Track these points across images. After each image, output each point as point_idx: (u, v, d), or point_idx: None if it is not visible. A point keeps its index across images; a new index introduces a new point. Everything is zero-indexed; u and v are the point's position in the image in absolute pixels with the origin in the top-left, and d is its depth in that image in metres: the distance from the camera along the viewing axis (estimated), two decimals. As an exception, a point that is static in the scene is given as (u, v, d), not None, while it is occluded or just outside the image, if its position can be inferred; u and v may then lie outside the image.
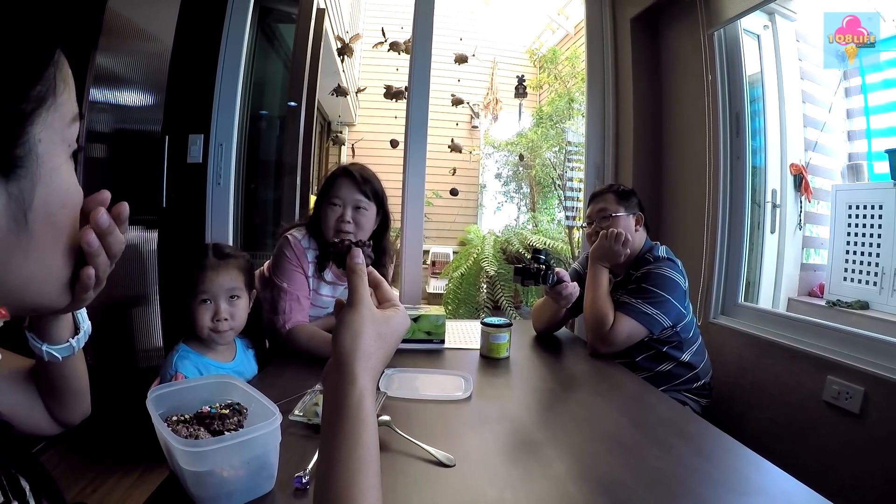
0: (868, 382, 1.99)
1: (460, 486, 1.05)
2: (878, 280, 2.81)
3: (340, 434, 0.70)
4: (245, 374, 1.72)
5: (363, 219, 2.05)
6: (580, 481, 1.08)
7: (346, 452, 0.69)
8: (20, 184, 0.54)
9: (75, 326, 0.85)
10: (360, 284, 0.81)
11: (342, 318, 0.78)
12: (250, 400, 1.07)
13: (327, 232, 2.05)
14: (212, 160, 3.09)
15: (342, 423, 0.71)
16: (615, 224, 2.24)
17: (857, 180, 3.19)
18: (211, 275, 1.62)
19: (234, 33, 3.16)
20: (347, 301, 0.80)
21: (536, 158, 7.96)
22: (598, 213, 2.32)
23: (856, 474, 2.01)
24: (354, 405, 0.72)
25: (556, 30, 8.82)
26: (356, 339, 0.75)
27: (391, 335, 0.80)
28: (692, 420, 1.46)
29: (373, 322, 0.78)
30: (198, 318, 1.60)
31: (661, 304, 2.09)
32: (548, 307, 2.32)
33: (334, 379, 0.75)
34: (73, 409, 0.94)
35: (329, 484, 0.68)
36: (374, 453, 0.71)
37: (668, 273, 2.14)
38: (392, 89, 5.87)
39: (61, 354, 0.82)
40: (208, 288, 1.61)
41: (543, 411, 1.54)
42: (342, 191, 2.04)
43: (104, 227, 0.67)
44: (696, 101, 2.95)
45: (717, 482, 1.10)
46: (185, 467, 0.87)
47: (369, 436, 0.72)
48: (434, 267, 8.19)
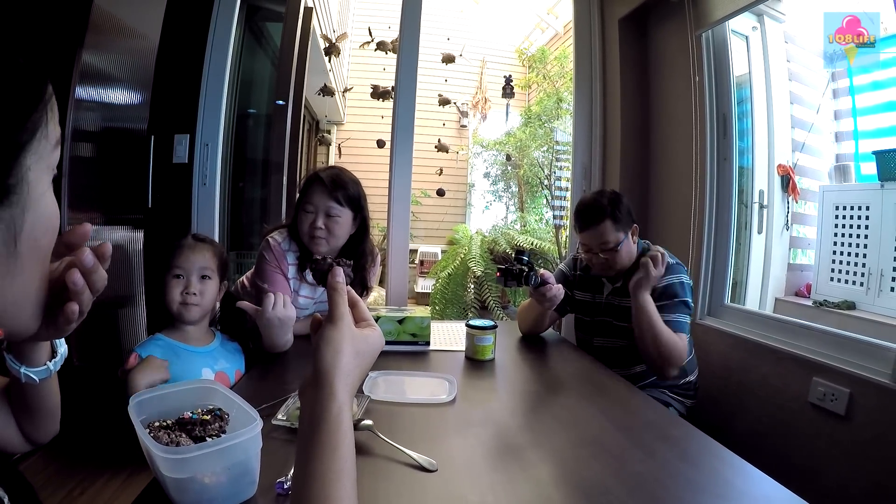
0: (854, 384, 1.99)
1: (442, 492, 1.04)
2: (865, 280, 2.83)
3: (318, 446, 0.71)
4: (221, 362, 1.75)
5: (335, 226, 2.05)
6: (563, 486, 1.07)
7: (323, 465, 0.70)
8: (12, 210, 0.55)
9: (52, 349, 0.85)
10: (341, 301, 0.83)
11: (323, 334, 0.79)
12: (232, 405, 1.06)
13: (303, 237, 2.06)
14: (198, 160, 3.08)
15: (320, 435, 0.72)
16: (622, 252, 2.22)
17: (844, 181, 3.20)
18: (187, 252, 1.73)
19: (220, 31, 3.14)
20: (328, 317, 0.82)
21: (525, 158, 7.97)
22: (600, 245, 2.23)
23: (841, 476, 2.01)
24: (333, 419, 0.73)
25: (545, 29, 8.83)
26: (337, 355, 0.77)
27: (368, 353, 0.82)
28: (676, 423, 1.46)
29: (352, 340, 0.80)
30: (169, 291, 1.70)
31: (690, 309, 2.16)
32: (533, 309, 2.30)
33: (314, 393, 0.76)
34: (45, 427, 0.94)
35: (306, 495, 0.68)
36: (350, 465, 0.72)
37: (685, 279, 2.19)
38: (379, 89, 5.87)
39: (38, 377, 0.82)
40: (182, 263, 1.72)
41: (527, 414, 1.53)
42: (314, 197, 2.05)
43: (89, 267, 0.69)
44: (684, 101, 2.96)
45: (700, 487, 1.10)
46: (166, 474, 0.87)
47: (346, 449, 0.72)
48: (422, 266, 8.18)
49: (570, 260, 2.56)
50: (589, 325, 2.45)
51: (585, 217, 2.24)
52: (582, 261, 2.44)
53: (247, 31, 3.72)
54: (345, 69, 8.61)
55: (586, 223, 2.24)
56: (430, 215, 8.81)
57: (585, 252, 2.32)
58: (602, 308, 2.38)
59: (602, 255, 2.23)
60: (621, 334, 2.30)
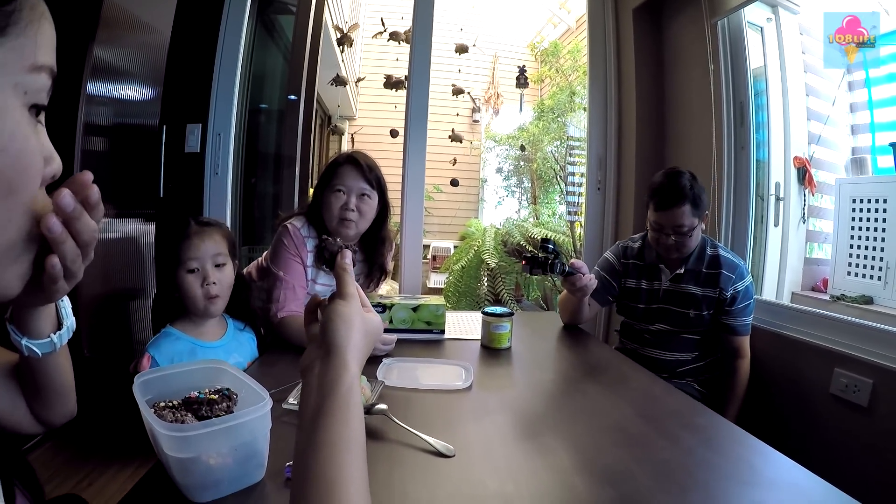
0: (876, 375, 1.95)
1: (459, 478, 1.01)
2: (883, 275, 2.78)
3: (329, 416, 0.66)
4: (235, 355, 1.70)
5: (367, 207, 2.02)
6: (585, 473, 1.04)
7: (333, 434, 0.65)
8: None
9: (58, 321, 0.79)
10: (351, 281, 0.82)
11: (335, 308, 0.77)
12: (241, 386, 1.04)
13: (330, 220, 2.02)
14: (210, 149, 3.08)
15: (332, 406, 0.67)
16: (693, 237, 2.22)
17: (860, 174, 3.15)
18: (196, 241, 1.63)
19: (232, 24, 3.14)
20: (338, 294, 0.81)
21: (538, 152, 7.93)
22: (674, 228, 2.19)
23: (864, 468, 1.97)
24: (346, 390, 0.69)
25: (557, 24, 8.79)
26: (350, 330, 0.75)
27: (373, 334, 0.81)
28: (700, 411, 1.42)
29: (362, 318, 0.78)
30: (188, 287, 1.61)
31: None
32: (569, 299, 2.29)
33: (324, 365, 0.72)
34: (57, 408, 0.89)
35: (313, 466, 0.63)
36: (361, 436, 0.68)
37: (751, 282, 2.28)
38: (392, 79, 5.83)
39: (41, 350, 0.76)
40: (193, 254, 1.62)
41: (546, 402, 1.51)
42: (347, 178, 2.01)
43: (68, 211, 0.57)
44: (700, 91, 2.92)
45: (727, 473, 1.07)
46: (169, 453, 0.84)
47: (357, 420, 0.68)
48: (435, 261, 8.15)
49: (619, 248, 2.51)
50: (642, 312, 2.41)
51: (665, 197, 2.20)
52: (633, 249, 2.43)
53: (258, 24, 3.71)
54: (357, 61, 8.59)
55: (665, 204, 2.19)
56: (442, 210, 8.78)
57: (655, 231, 2.27)
58: (661, 296, 2.35)
59: (674, 237, 2.21)
60: (679, 322, 2.30)
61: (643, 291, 2.40)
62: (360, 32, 7.07)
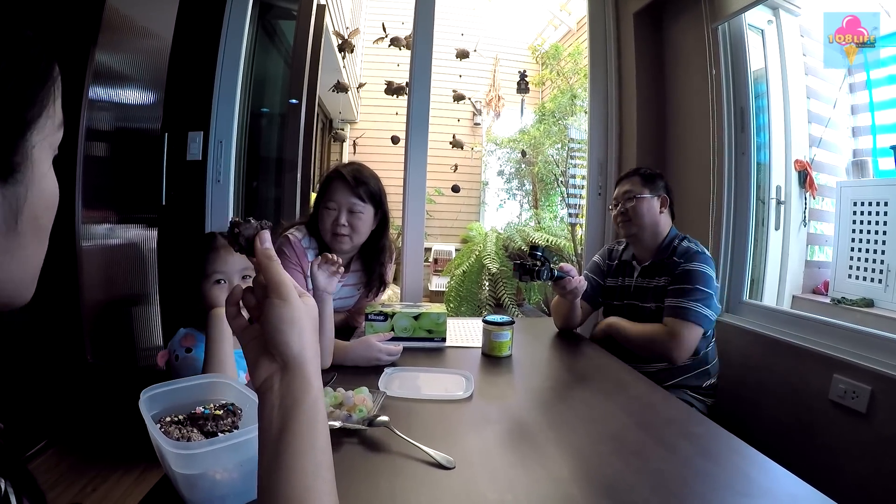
0: (875, 381, 1.96)
1: (460, 490, 1.02)
2: (884, 278, 2.78)
3: (295, 438, 0.65)
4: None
5: (359, 222, 2.03)
6: (584, 483, 1.06)
7: (302, 458, 0.64)
8: (16, 188, 0.55)
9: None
10: (280, 270, 0.72)
11: (278, 313, 0.68)
12: (245, 401, 1.05)
13: (324, 235, 2.04)
14: (211, 157, 3.09)
15: (297, 426, 0.66)
16: (640, 206, 2.29)
17: (861, 177, 3.15)
18: (224, 254, 1.60)
19: (233, 29, 3.15)
20: (273, 292, 0.70)
21: (539, 155, 7.93)
22: (624, 194, 2.35)
23: (862, 474, 1.98)
24: (310, 408, 0.67)
25: (558, 26, 8.80)
26: (302, 335, 0.69)
27: (315, 318, 0.73)
28: (698, 420, 1.43)
29: (307, 313, 0.71)
30: (215, 298, 1.56)
31: (711, 301, 2.11)
32: (561, 303, 2.32)
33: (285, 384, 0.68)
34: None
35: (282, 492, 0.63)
36: (329, 458, 0.67)
37: (709, 271, 2.16)
38: (393, 85, 5.84)
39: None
40: (221, 268, 1.59)
41: (546, 411, 1.51)
42: (336, 194, 2.03)
43: None
44: (700, 95, 2.93)
45: (723, 484, 1.08)
46: (176, 470, 0.85)
47: (324, 439, 0.67)
48: (436, 265, 8.16)
49: (605, 250, 2.60)
50: (617, 310, 2.43)
51: (622, 176, 2.47)
52: (618, 251, 2.52)
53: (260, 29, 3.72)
54: (358, 66, 8.60)
55: (620, 178, 2.46)
56: (444, 214, 8.80)
57: (613, 208, 2.42)
58: (631, 291, 2.38)
59: (623, 206, 2.33)
60: (647, 317, 2.28)
61: (618, 289, 2.45)
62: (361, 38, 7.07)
